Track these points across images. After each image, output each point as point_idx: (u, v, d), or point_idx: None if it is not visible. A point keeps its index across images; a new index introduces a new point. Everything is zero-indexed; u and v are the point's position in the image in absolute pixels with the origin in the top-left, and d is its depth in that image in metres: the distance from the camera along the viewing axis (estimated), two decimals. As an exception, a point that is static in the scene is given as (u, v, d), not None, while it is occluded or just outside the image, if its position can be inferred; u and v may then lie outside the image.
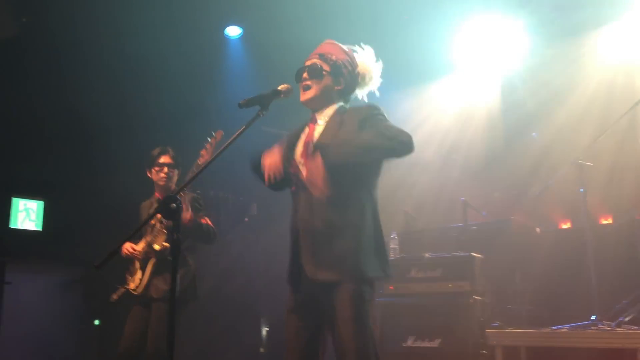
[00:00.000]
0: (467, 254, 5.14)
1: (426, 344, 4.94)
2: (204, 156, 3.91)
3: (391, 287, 5.37)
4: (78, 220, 6.60)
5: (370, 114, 2.80)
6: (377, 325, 5.22)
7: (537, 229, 5.91)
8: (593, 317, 4.66)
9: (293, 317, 2.73)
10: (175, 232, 2.23)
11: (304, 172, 2.73)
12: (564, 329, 4.63)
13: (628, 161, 5.81)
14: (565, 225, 6.28)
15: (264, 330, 7.05)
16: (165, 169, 4.35)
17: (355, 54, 2.99)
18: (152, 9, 6.11)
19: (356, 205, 2.72)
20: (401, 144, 2.68)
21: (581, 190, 5.04)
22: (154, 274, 4.20)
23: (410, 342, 5.04)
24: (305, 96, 2.86)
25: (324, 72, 2.85)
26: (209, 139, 3.91)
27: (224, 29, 7.04)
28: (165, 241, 4.15)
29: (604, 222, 5.93)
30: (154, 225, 4.23)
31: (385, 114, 2.84)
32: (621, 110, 5.21)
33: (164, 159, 4.38)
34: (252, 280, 7.05)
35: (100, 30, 6.18)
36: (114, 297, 4.36)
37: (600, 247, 5.14)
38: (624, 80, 6.25)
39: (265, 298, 6.94)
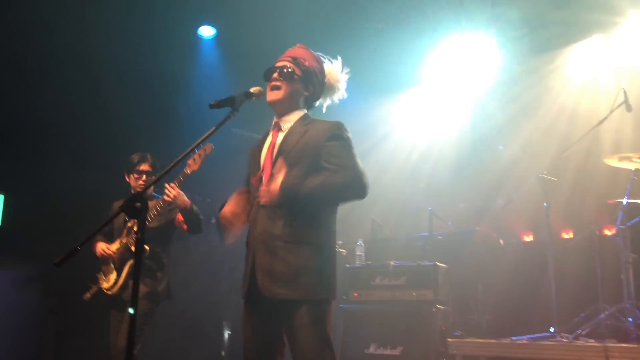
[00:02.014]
0: (432, 263, 5.19)
1: (388, 351, 4.96)
2: (191, 166, 3.89)
3: (355, 294, 5.38)
4: (38, 216, 6.45)
5: (337, 135, 2.74)
6: (340, 331, 5.22)
7: (501, 241, 6.00)
8: (552, 329, 4.75)
9: (249, 322, 2.70)
10: (139, 231, 2.19)
11: (264, 182, 2.70)
12: (523, 340, 4.70)
13: (590, 178, 5.95)
14: (528, 238, 6.39)
15: (226, 333, 6.98)
16: (144, 177, 4.33)
17: (324, 64, 2.99)
18: (123, 6, 6.04)
19: (317, 222, 2.68)
20: (355, 195, 2.68)
21: (544, 204, 5.14)
22: (130, 275, 4.16)
23: (372, 349, 5.05)
24: (273, 96, 2.81)
25: (295, 76, 2.83)
26: (197, 150, 3.85)
27: (197, 29, 6.99)
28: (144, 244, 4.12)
29: (565, 236, 6.06)
30: (131, 228, 4.20)
31: (350, 135, 2.78)
32: (586, 127, 5.34)
33: (143, 167, 4.35)
34: (215, 282, 6.98)
35: (68, 29, 6.07)
36: (87, 295, 4.30)
37: (561, 261, 5.26)
38: (589, 98, 6.41)
39: (229, 301, 6.87)
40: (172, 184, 3.97)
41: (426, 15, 6.39)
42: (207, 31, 7.02)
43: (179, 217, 4.22)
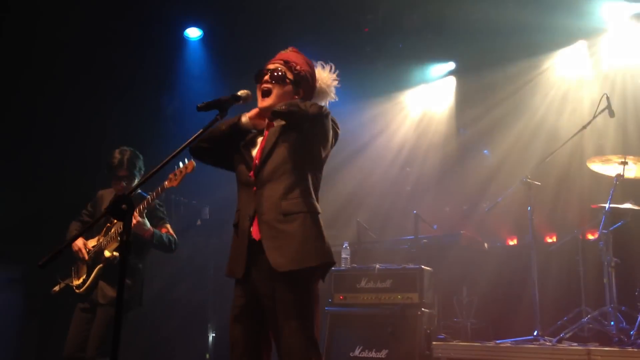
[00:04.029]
0: (417, 266, 5.21)
1: (373, 354, 4.96)
2: (172, 181, 3.84)
3: (341, 297, 5.38)
4: (21, 217, 6.37)
5: None
6: (325, 334, 5.22)
7: (485, 245, 6.04)
8: (535, 333, 4.79)
9: (237, 323, 2.72)
10: (125, 233, 2.17)
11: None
12: (507, 343, 4.73)
13: (574, 182, 6.01)
14: (512, 242, 6.45)
15: (211, 335, 6.95)
16: (123, 183, 4.28)
17: (316, 69, 2.99)
18: (110, 7, 6.00)
19: (308, 192, 2.75)
20: (321, 109, 2.73)
21: (528, 208, 5.19)
22: (101, 278, 4.12)
23: (357, 352, 5.05)
24: (265, 103, 2.82)
25: (286, 80, 2.83)
26: (180, 165, 3.83)
27: (184, 31, 6.97)
28: (116, 249, 4.07)
29: (549, 240, 6.12)
30: (110, 228, 4.15)
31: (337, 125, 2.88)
32: (570, 132, 5.40)
33: (120, 172, 4.27)
34: (200, 284, 6.95)
35: (55, 28, 6.03)
36: (55, 289, 4.25)
37: (544, 265, 5.31)
38: (573, 103, 6.48)
39: (214, 303, 6.85)
40: (135, 213, 3.88)
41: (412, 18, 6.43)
42: (193, 32, 7.00)
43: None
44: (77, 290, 4.16)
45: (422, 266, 5.20)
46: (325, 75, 3.00)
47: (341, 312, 5.32)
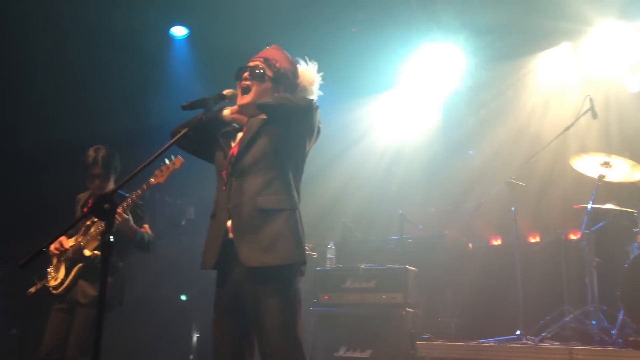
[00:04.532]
0: (402, 266, 5.23)
1: (358, 354, 4.98)
2: (158, 177, 3.79)
3: (326, 297, 5.39)
4: (1, 217, 6.30)
5: None
6: (310, 334, 5.23)
7: (470, 245, 6.08)
8: (518, 332, 4.83)
9: (220, 324, 2.71)
10: (107, 233, 2.15)
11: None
12: (490, 342, 4.77)
13: (557, 183, 6.06)
14: (496, 242, 6.49)
15: (195, 336, 6.93)
16: (97, 182, 4.22)
17: (298, 66, 2.99)
18: (95, 4, 5.96)
19: (287, 188, 2.73)
20: (307, 103, 2.79)
21: (512, 209, 5.23)
22: (80, 277, 4.06)
23: (342, 352, 5.06)
24: (244, 100, 2.82)
25: (266, 77, 2.83)
26: (167, 162, 3.79)
27: (170, 29, 6.93)
28: (97, 248, 4.03)
29: (532, 240, 6.17)
30: (89, 227, 4.10)
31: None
32: (553, 133, 5.45)
33: (94, 170, 4.19)
34: (185, 285, 6.92)
35: (42, 25, 5.97)
36: (31, 290, 4.19)
37: (528, 265, 5.35)
38: (557, 104, 6.54)
39: (198, 303, 6.82)
40: (119, 209, 3.83)
41: (399, 20, 6.44)
42: (179, 31, 6.97)
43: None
44: (54, 291, 4.10)
45: (407, 266, 5.22)
46: (307, 73, 2.99)
47: (326, 312, 5.33)
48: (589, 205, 4.92)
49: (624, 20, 6.13)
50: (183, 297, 6.99)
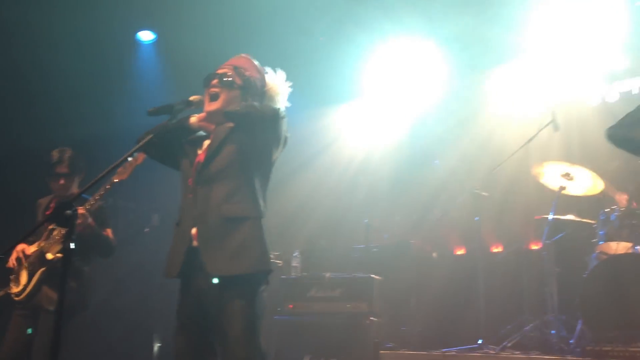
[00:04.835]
0: (367, 275, 5.24)
1: (322, 363, 4.97)
2: (120, 174, 3.74)
3: (290, 306, 5.37)
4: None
5: None
6: (274, 343, 5.19)
7: (434, 254, 6.14)
8: (480, 341, 4.88)
9: (182, 333, 2.69)
10: (68, 239, 2.11)
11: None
12: (452, 351, 4.81)
13: (519, 194, 6.16)
14: (460, 252, 6.56)
15: (156, 346, 6.81)
16: (62, 180, 4.13)
17: (266, 75, 3.00)
18: (59, 7, 5.86)
19: (253, 196, 2.72)
20: (274, 112, 2.80)
21: (476, 218, 5.30)
22: (43, 282, 3.96)
23: (306, 361, 5.05)
24: (212, 106, 2.80)
25: (235, 85, 2.83)
26: (129, 159, 3.73)
27: (136, 33, 6.86)
28: (60, 252, 3.94)
29: (495, 250, 6.26)
30: (51, 231, 4.01)
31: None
32: (517, 144, 5.54)
33: (59, 169, 4.09)
34: (147, 294, 6.80)
35: (6, 30, 5.85)
36: None
37: (490, 274, 5.42)
38: (521, 116, 6.66)
39: (160, 313, 6.71)
40: (82, 211, 3.76)
41: (365, 29, 6.50)
42: (146, 36, 6.90)
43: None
44: (16, 298, 4.00)
45: (372, 275, 5.24)
46: (275, 82, 3.00)
47: (290, 321, 5.30)
48: (550, 216, 5.02)
49: (584, 35, 6.29)
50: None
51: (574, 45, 6.40)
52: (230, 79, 2.83)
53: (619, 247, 4.75)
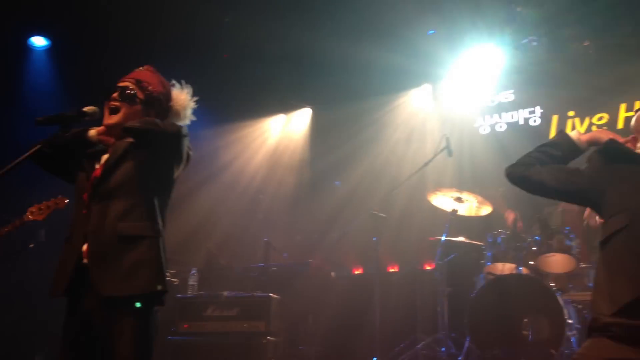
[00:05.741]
0: (265, 294, 5.20)
1: (217, 384, 4.85)
2: (35, 214, 3.47)
3: (185, 325, 5.21)
4: None
5: None
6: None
7: (332, 273, 6.21)
8: (374, 359, 4.97)
9: (67, 355, 2.53)
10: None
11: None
12: (348, 370, 4.86)
13: (415, 216, 6.38)
14: (358, 271, 6.68)
15: (39, 367, 6.38)
16: None
17: (172, 89, 2.91)
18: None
19: (151, 215, 2.62)
20: (175, 129, 2.69)
21: (374, 239, 5.42)
22: None
23: (200, 383, 4.91)
24: (112, 120, 2.67)
25: (137, 99, 2.71)
26: (50, 200, 3.45)
27: (29, 38, 6.49)
28: None
29: (391, 270, 6.43)
30: None
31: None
32: (414, 167, 5.75)
33: None
34: (30, 312, 6.38)
35: None
36: None
37: (386, 294, 5.55)
38: (417, 141, 6.95)
39: (43, 333, 6.31)
40: None
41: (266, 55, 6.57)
42: (39, 41, 6.55)
43: None
44: None
45: (271, 294, 5.21)
46: (181, 97, 2.91)
47: (185, 342, 5.14)
48: (443, 238, 5.22)
49: (477, 66, 6.69)
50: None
51: (466, 79, 6.80)
52: (132, 92, 2.71)
53: (505, 267, 5.03)
